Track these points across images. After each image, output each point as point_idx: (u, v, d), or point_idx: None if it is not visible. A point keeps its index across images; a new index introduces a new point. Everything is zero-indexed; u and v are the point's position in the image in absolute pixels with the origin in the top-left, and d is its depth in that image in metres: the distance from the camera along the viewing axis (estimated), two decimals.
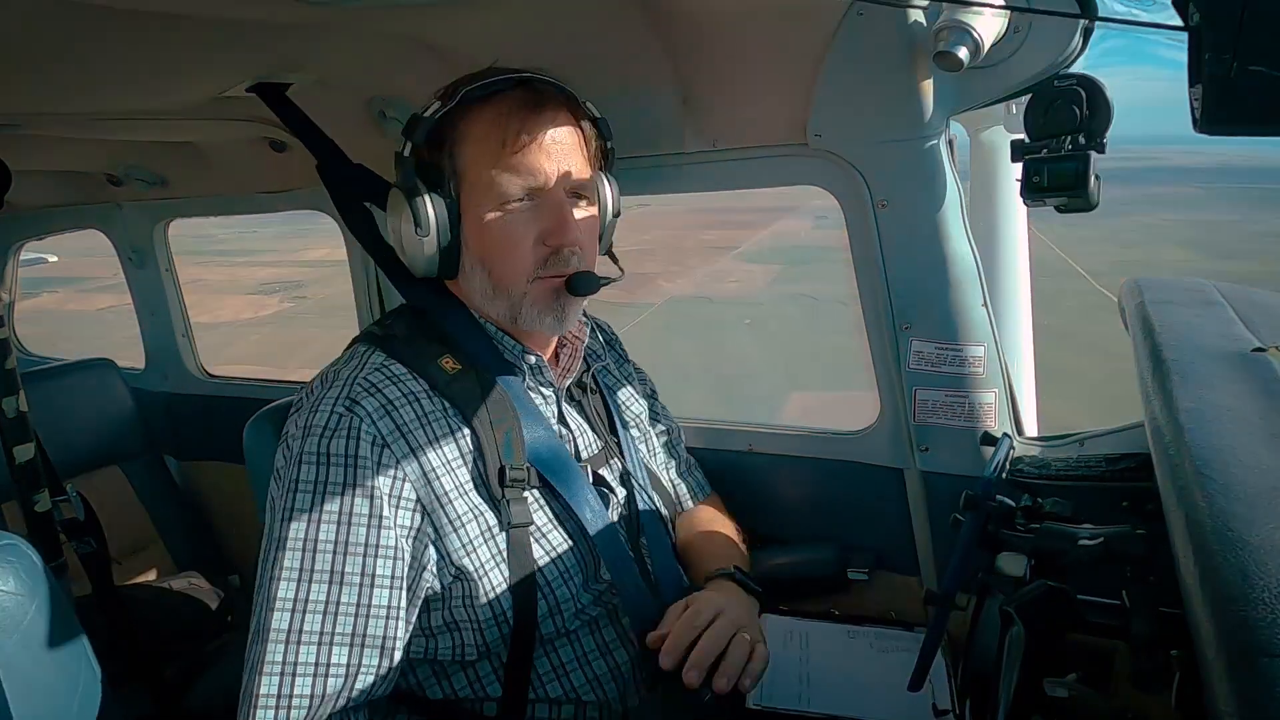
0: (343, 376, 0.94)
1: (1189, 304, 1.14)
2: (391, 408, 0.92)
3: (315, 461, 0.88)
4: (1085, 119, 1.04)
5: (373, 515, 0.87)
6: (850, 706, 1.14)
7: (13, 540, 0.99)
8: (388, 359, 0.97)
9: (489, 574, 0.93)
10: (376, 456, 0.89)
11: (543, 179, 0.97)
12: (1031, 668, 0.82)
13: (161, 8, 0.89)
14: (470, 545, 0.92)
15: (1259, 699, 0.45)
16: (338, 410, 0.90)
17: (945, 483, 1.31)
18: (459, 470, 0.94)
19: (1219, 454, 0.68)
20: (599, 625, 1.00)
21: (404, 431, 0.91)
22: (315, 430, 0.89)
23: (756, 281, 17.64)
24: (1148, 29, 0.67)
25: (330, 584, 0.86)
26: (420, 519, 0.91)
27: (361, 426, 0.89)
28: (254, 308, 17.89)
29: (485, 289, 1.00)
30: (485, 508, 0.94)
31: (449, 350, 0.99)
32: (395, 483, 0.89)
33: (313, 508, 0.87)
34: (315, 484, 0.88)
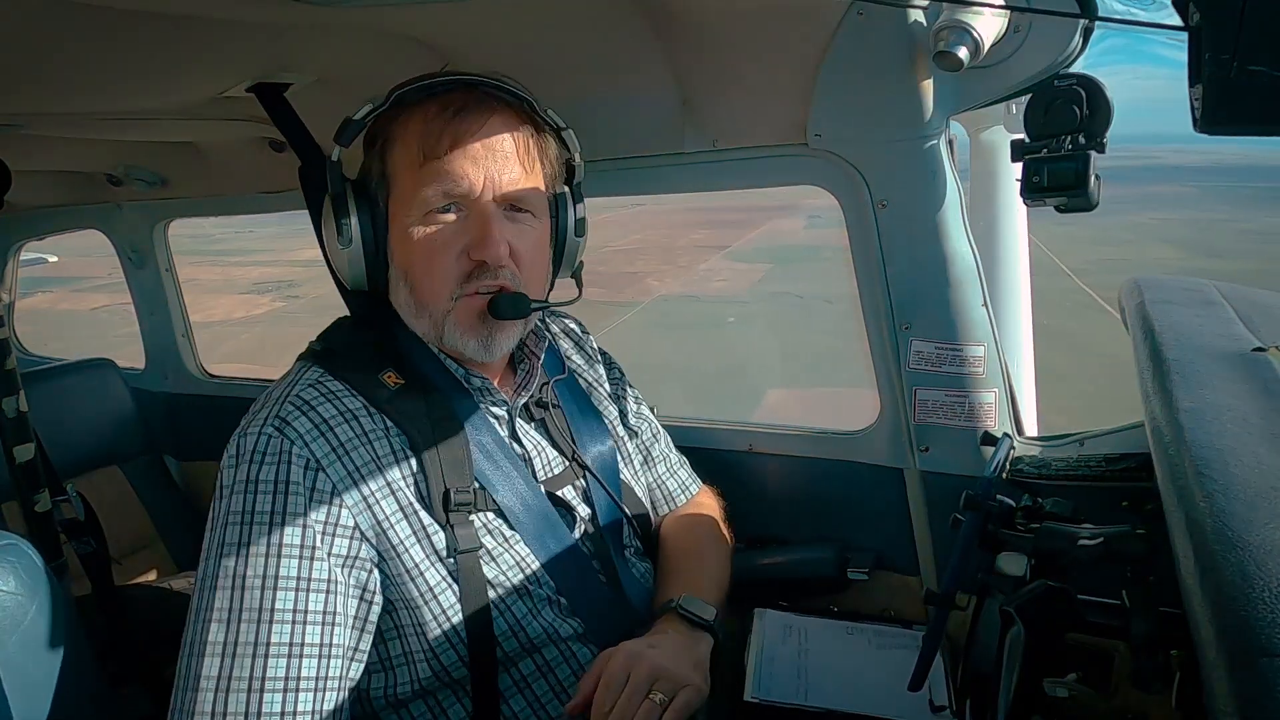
0: (274, 395, 0.89)
1: (1189, 304, 1.14)
2: (326, 427, 0.86)
3: (243, 491, 0.82)
4: (1085, 119, 1.04)
5: (304, 546, 0.81)
6: (848, 701, 1.14)
7: (13, 540, 0.99)
8: (324, 374, 0.91)
9: (438, 598, 0.87)
10: (310, 481, 0.83)
11: (466, 186, 0.90)
12: (1031, 668, 0.82)
13: (161, 8, 0.89)
14: (416, 570, 0.87)
15: (1259, 699, 0.45)
16: (266, 432, 0.84)
17: (945, 483, 1.31)
18: (401, 492, 0.88)
19: (1219, 454, 0.68)
20: (561, 636, 0.94)
21: (340, 453, 0.85)
22: (244, 456, 0.84)
23: (744, 280, 17.70)
24: (1148, 29, 0.67)
25: (260, 623, 0.79)
26: (360, 546, 0.85)
27: (293, 450, 0.83)
28: (246, 307, 17.93)
29: (409, 305, 0.95)
30: (432, 530, 0.88)
31: (392, 365, 0.93)
32: (331, 509, 0.83)
33: (240, 542, 0.81)
34: (243, 515, 0.82)
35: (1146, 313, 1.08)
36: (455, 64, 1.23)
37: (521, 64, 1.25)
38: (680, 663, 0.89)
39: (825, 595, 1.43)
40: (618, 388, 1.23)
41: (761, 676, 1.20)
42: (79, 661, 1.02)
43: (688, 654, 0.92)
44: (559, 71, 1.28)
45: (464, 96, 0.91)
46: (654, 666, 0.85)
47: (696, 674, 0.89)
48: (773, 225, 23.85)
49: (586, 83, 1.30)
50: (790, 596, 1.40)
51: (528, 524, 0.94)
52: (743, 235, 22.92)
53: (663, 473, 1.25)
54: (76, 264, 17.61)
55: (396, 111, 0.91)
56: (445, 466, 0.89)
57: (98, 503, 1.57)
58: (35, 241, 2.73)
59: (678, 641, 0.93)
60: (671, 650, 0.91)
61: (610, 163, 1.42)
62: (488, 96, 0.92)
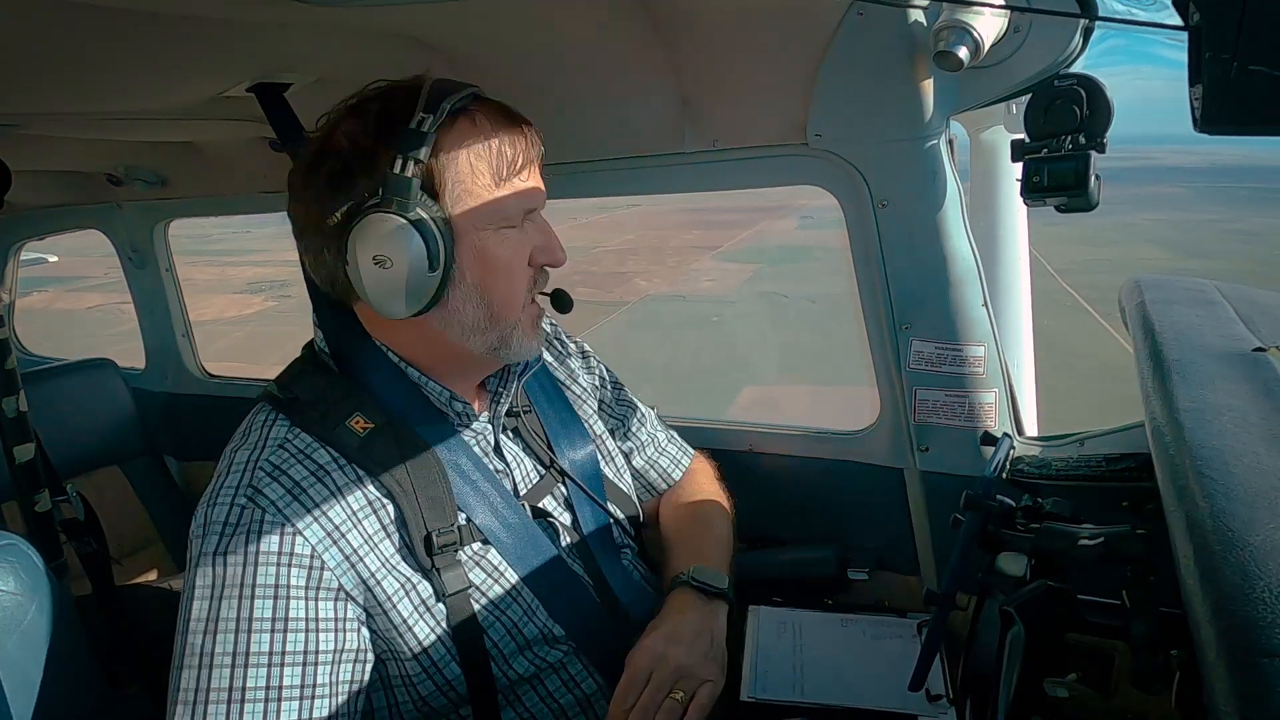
0: (240, 459, 0.85)
1: (1189, 304, 1.14)
2: (300, 490, 0.83)
3: (212, 564, 0.80)
4: (1085, 119, 1.04)
5: (275, 619, 0.79)
6: (845, 695, 1.14)
7: (13, 540, 0.99)
8: (291, 428, 0.87)
9: (430, 649, 0.86)
10: (289, 547, 0.80)
11: (536, 199, 0.92)
12: (1031, 668, 0.82)
13: (161, 8, 0.89)
14: (406, 624, 0.85)
15: (1259, 699, 0.45)
16: (239, 503, 0.81)
17: (945, 483, 1.31)
18: (383, 544, 0.85)
19: (1219, 454, 0.68)
20: (563, 665, 0.94)
21: (316, 516, 0.82)
22: (215, 528, 0.81)
23: (732, 280, 17.82)
24: (1148, 29, 0.67)
25: (230, 703, 0.77)
26: (346, 606, 0.82)
27: (265, 517, 0.81)
28: (238, 306, 18.01)
29: (478, 321, 0.90)
30: (417, 579, 0.86)
31: (360, 407, 0.89)
32: (313, 573, 0.81)
33: (209, 617, 0.78)
34: (212, 589, 0.79)
35: (1146, 313, 1.08)
36: (455, 64, 1.23)
37: (522, 64, 1.25)
38: (700, 655, 0.92)
39: (825, 596, 1.43)
40: (594, 378, 1.21)
41: (757, 675, 1.20)
42: (79, 661, 1.02)
43: (706, 637, 0.95)
44: (559, 71, 1.28)
45: (499, 108, 0.90)
46: (676, 667, 0.89)
47: (714, 661, 0.93)
48: (765, 226, 23.97)
49: (587, 83, 1.30)
50: (790, 597, 1.40)
51: (511, 546, 0.93)
52: (735, 236, 23.00)
53: (653, 454, 1.25)
54: (74, 264, 17.67)
55: (447, 123, 0.86)
56: (425, 509, 0.87)
57: (98, 503, 1.57)
58: (35, 241, 2.73)
59: (695, 623, 0.96)
60: (690, 638, 0.93)
61: (610, 163, 1.42)
62: (511, 109, 0.93)
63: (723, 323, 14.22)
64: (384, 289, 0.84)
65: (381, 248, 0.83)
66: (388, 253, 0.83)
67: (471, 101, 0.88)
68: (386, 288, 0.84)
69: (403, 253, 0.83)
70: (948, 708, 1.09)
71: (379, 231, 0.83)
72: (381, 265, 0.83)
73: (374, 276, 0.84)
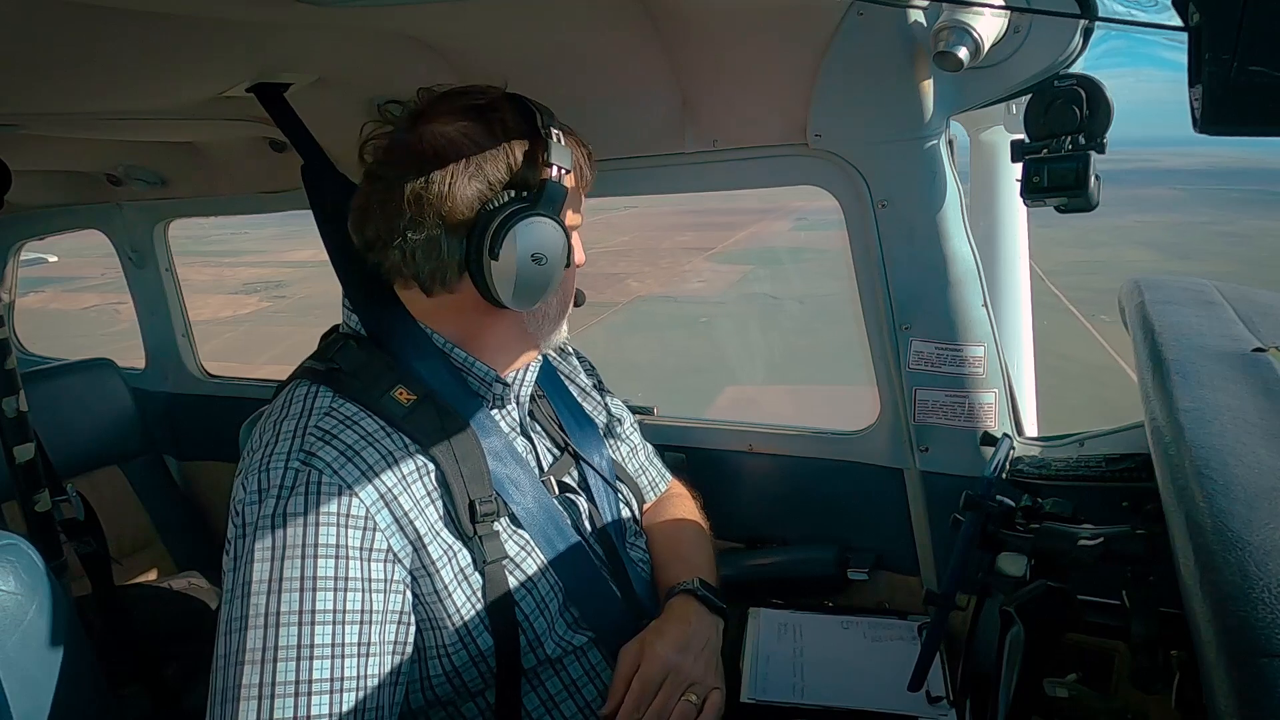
0: (289, 428, 0.87)
1: (1189, 304, 1.14)
2: (352, 453, 0.85)
3: (272, 526, 0.80)
4: (1085, 119, 1.04)
5: (338, 578, 0.80)
6: (845, 697, 1.14)
7: (13, 540, 0.99)
8: (336, 398, 0.89)
9: (466, 618, 0.88)
10: (345, 509, 0.82)
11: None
12: (1031, 668, 0.82)
13: (161, 8, 0.89)
14: (446, 590, 0.87)
15: (1259, 699, 0.45)
16: (293, 465, 0.83)
17: (945, 483, 1.31)
18: (428, 510, 0.88)
19: (1219, 454, 0.68)
20: (584, 651, 0.96)
21: (370, 477, 0.84)
22: (271, 492, 0.82)
23: (723, 281, 17.91)
24: (1148, 29, 0.67)
25: (299, 660, 0.78)
26: (394, 569, 0.84)
27: (322, 479, 0.82)
28: (233, 306, 18.06)
29: (559, 313, 1.01)
30: (458, 547, 0.89)
31: (401, 380, 0.92)
32: (366, 534, 0.83)
33: (273, 577, 0.79)
34: (273, 549, 0.80)
35: (1146, 313, 1.08)
36: (455, 64, 1.23)
37: (522, 64, 1.25)
38: (707, 664, 0.96)
39: (825, 596, 1.44)
40: (592, 379, 1.26)
41: (757, 677, 1.20)
42: (79, 661, 1.02)
43: (711, 648, 0.98)
44: (559, 71, 1.28)
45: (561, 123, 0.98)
46: (688, 675, 0.92)
47: (719, 673, 0.97)
48: (760, 228, 24.03)
49: (587, 83, 1.30)
50: (790, 597, 1.40)
51: (538, 525, 0.95)
52: (729, 237, 23.04)
53: (644, 460, 1.27)
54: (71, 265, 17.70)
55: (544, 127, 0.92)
56: (467, 478, 0.90)
57: (98, 503, 1.57)
58: (35, 241, 2.73)
59: (702, 633, 0.99)
60: (699, 648, 0.96)
61: (610, 163, 1.42)
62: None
63: (710, 323, 14.30)
64: (533, 283, 0.91)
65: (540, 247, 0.90)
66: (545, 251, 0.90)
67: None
68: (536, 281, 0.91)
69: (556, 253, 0.91)
70: (948, 709, 1.09)
71: (539, 232, 0.89)
72: (539, 262, 0.90)
73: (528, 271, 0.90)
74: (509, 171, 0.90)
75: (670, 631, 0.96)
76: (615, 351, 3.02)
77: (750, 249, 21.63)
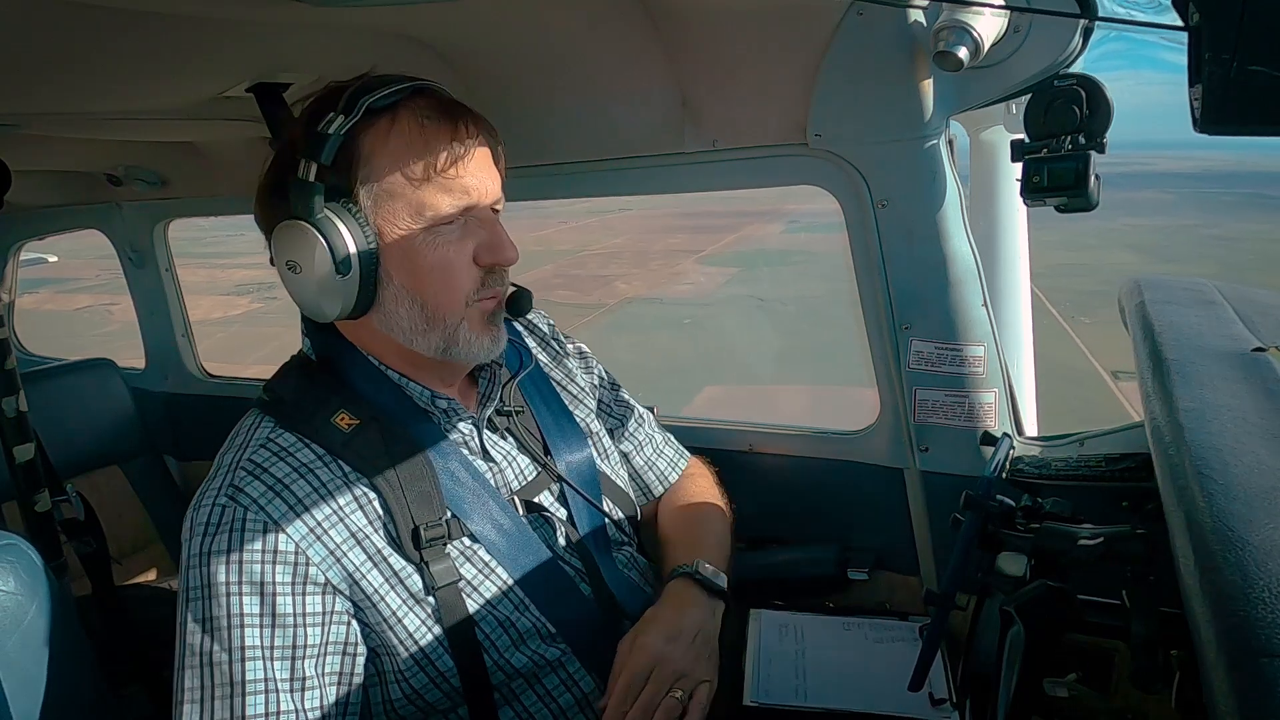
0: (226, 461, 0.86)
1: (1189, 304, 1.14)
2: (281, 487, 0.83)
3: (199, 564, 0.80)
4: (1085, 119, 1.04)
5: (264, 614, 0.80)
6: (848, 699, 1.14)
7: (13, 540, 0.99)
8: (275, 428, 0.88)
9: (421, 642, 0.86)
10: (271, 545, 0.81)
11: (475, 196, 0.89)
12: (1031, 668, 0.82)
13: (161, 8, 0.89)
14: (395, 616, 0.85)
15: (1259, 699, 0.45)
16: (220, 502, 0.82)
17: (945, 483, 1.31)
18: (371, 538, 0.86)
19: (1219, 454, 0.68)
20: (560, 664, 0.94)
21: (299, 510, 0.83)
22: (199, 529, 0.82)
23: (711, 283, 18.00)
24: (1148, 29, 0.67)
25: (233, 698, 0.78)
26: (334, 600, 0.83)
27: (247, 516, 0.81)
28: (225, 307, 18.09)
29: (415, 323, 0.90)
30: (407, 572, 0.86)
31: (345, 404, 0.89)
32: (298, 569, 0.82)
33: (204, 617, 0.80)
34: (204, 589, 0.80)
35: (1146, 313, 1.08)
36: (455, 64, 1.23)
37: (521, 64, 1.25)
38: (697, 654, 0.92)
39: (825, 595, 1.43)
40: (593, 377, 1.22)
41: (760, 679, 1.20)
42: (79, 661, 1.02)
43: (704, 635, 0.95)
44: (559, 71, 1.28)
45: (434, 102, 0.88)
46: (675, 668, 0.89)
47: (711, 661, 0.93)
48: (751, 230, 24.08)
49: (587, 82, 1.30)
50: (790, 597, 1.40)
51: (503, 547, 0.92)
52: (720, 240, 23.07)
53: (650, 454, 1.25)
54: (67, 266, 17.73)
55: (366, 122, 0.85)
56: (412, 502, 0.87)
57: (98, 503, 1.57)
58: (35, 241, 2.73)
59: (695, 619, 0.95)
60: (689, 636, 0.93)
61: (610, 162, 1.42)
62: (453, 104, 0.90)
63: (695, 324, 14.38)
64: (304, 294, 0.87)
65: (292, 253, 0.86)
66: (297, 258, 0.85)
67: (408, 96, 0.87)
68: (306, 293, 0.87)
69: (309, 258, 0.84)
70: (951, 712, 1.09)
71: (288, 237, 0.86)
72: (294, 270, 0.86)
73: (292, 283, 0.87)
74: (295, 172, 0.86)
75: (661, 620, 0.94)
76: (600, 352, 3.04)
77: (740, 251, 21.69)
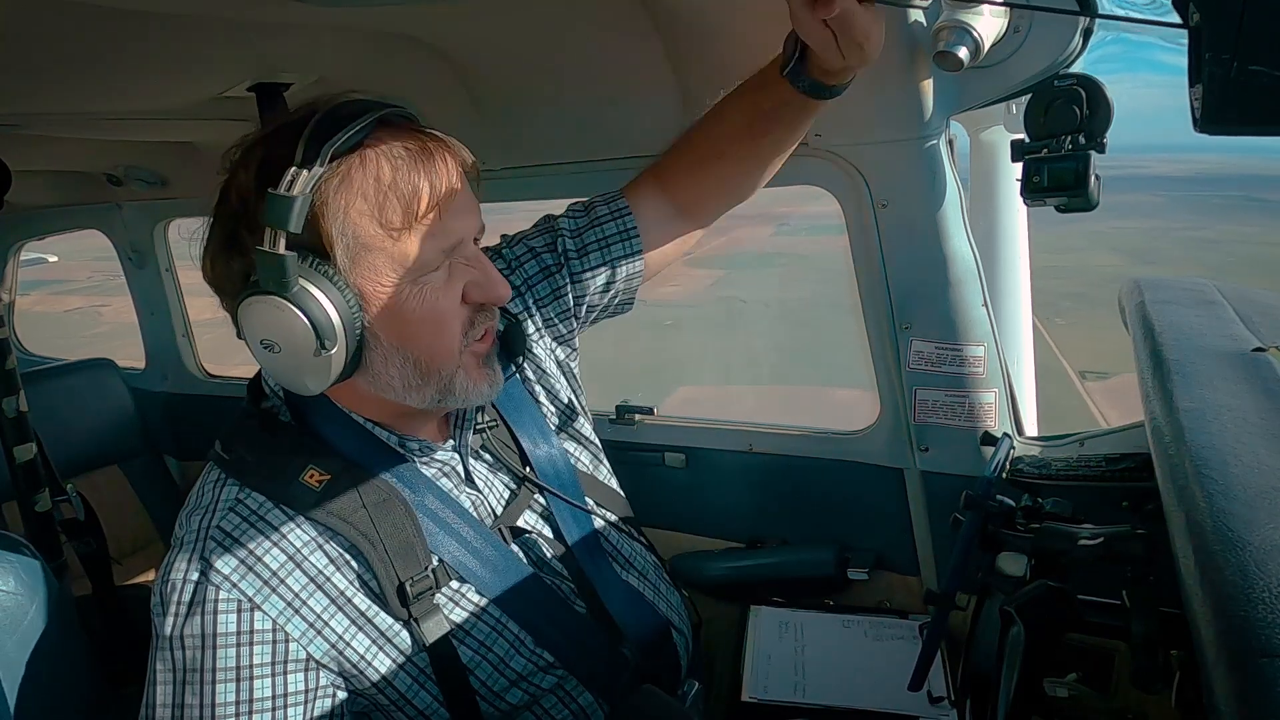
0: (194, 525, 0.80)
1: (1189, 304, 1.14)
2: (254, 559, 0.77)
3: (170, 648, 0.76)
4: (1085, 119, 1.04)
5: (240, 701, 0.75)
6: (846, 696, 1.14)
7: (13, 540, 0.99)
8: (241, 490, 0.81)
9: (414, 701, 0.82)
10: (247, 625, 0.76)
11: (459, 235, 0.81)
12: (1031, 668, 0.82)
13: (161, 8, 0.89)
14: (385, 680, 0.81)
15: (1259, 699, 0.45)
16: (191, 579, 0.76)
17: (945, 483, 1.31)
18: (353, 601, 0.80)
19: (1219, 454, 0.68)
20: (559, 684, 0.90)
21: (274, 584, 0.77)
22: (169, 607, 0.76)
23: (696, 285, 18.04)
24: (1148, 28, 0.67)
25: None
26: (318, 675, 0.78)
27: (220, 596, 0.76)
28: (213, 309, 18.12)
29: (408, 379, 0.82)
30: (394, 632, 0.82)
31: (313, 458, 0.82)
32: (277, 647, 0.77)
33: (174, 703, 0.75)
34: (174, 673, 0.76)
35: (1146, 313, 1.08)
36: (455, 64, 1.23)
37: (522, 64, 1.25)
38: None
39: (825, 595, 1.44)
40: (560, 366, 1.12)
41: (758, 675, 1.20)
42: (79, 661, 1.02)
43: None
44: (559, 72, 1.28)
45: (400, 136, 0.78)
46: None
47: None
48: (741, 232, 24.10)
49: (587, 83, 1.30)
50: (790, 596, 1.40)
51: (488, 580, 0.88)
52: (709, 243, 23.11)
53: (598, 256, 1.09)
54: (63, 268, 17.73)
55: (331, 170, 0.74)
56: (394, 556, 0.81)
57: (98, 503, 1.57)
58: (35, 241, 2.73)
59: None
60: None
61: (610, 162, 1.42)
62: (422, 135, 0.81)
63: (676, 326, 14.43)
64: (284, 372, 0.78)
65: (266, 332, 0.76)
66: (274, 337, 0.76)
67: (373, 132, 0.76)
68: (286, 371, 0.78)
69: (288, 337, 0.75)
70: (949, 709, 1.09)
71: (260, 316, 0.75)
72: (271, 350, 0.76)
73: (269, 361, 0.78)
74: (258, 232, 0.74)
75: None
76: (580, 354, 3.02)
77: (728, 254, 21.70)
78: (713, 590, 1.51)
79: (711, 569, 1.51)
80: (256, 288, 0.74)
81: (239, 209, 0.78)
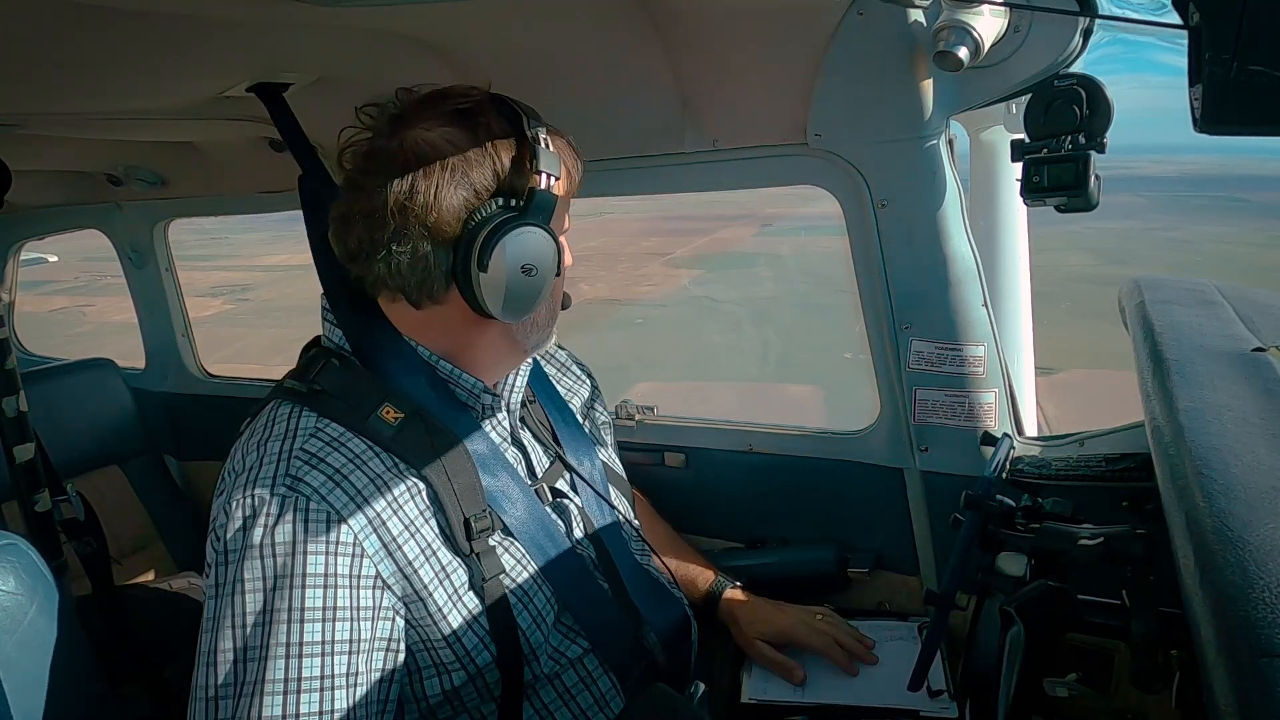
0: (274, 450, 0.84)
1: (1189, 304, 1.14)
2: (340, 477, 0.82)
3: (259, 555, 0.79)
4: (1085, 119, 1.04)
5: (326, 608, 0.79)
6: (845, 695, 1.14)
7: (13, 540, 0.98)
8: (319, 419, 0.86)
9: (463, 637, 0.86)
10: (333, 536, 0.80)
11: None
12: (1031, 668, 0.82)
13: (161, 8, 0.89)
14: (441, 612, 0.85)
15: (1259, 699, 0.45)
16: (279, 491, 0.80)
17: (945, 483, 1.31)
18: (421, 531, 0.86)
19: (1219, 454, 0.68)
20: (580, 661, 0.95)
21: (359, 502, 0.82)
22: (258, 520, 0.80)
23: (671, 285, 18.15)
24: (1147, 28, 0.67)
25: (286, 694, 0.76)
26: (383, 595, 0.83)
27: (310, 505, 0.80)
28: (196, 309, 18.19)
29: (547, 319, 0.97)
30: (454, 566, 0.87)
31: (387, 398, 0.89)
32: (355, 560, 0.81)
33: (263, 609, 0.78)
34: (264, 580, 0.78)
35: (1146, 313, 1.08)
36: (455, 64, 1.23)
37: (521, 64, 1.25)
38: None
39: (825, 595, 1.43)
40: (587, 386, 1.25)
41: (758, 676, 1.20)
42: (79, 661, 1.02)
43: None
44: (559, 71, 1.28)
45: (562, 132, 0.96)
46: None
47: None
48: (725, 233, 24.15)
49: (587, 83, 1.30)
50: (790, 596, 1.40)
51: (531, 536, 0.93)
52: (691, 243, 23.14)
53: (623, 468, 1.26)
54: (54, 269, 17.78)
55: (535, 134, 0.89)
56: (460, 495, 0.87)
57: (98, 503, 1.57)
58: (35, 241, 2.73)
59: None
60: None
61: (610, 162, 1.42)
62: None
63: (646, 325, 14.56)
64: (522, 295, 0.88)
65: (529, 258, 0.86)
66: (535, 262, 0.87)
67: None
68: (525, 294, 0.88)
69: (547, 263, 0.88)
70: (949, 702, 1.10)
71: (529, 243, 0.86)
72: (529, 274, 0.87)
73: (518, 283, 0.87)
74: (496, 179, 0.86)
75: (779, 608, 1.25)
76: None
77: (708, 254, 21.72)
78: None
79: None
80: (520, 220, 0.86)
81: (459, 157, 0.86)
